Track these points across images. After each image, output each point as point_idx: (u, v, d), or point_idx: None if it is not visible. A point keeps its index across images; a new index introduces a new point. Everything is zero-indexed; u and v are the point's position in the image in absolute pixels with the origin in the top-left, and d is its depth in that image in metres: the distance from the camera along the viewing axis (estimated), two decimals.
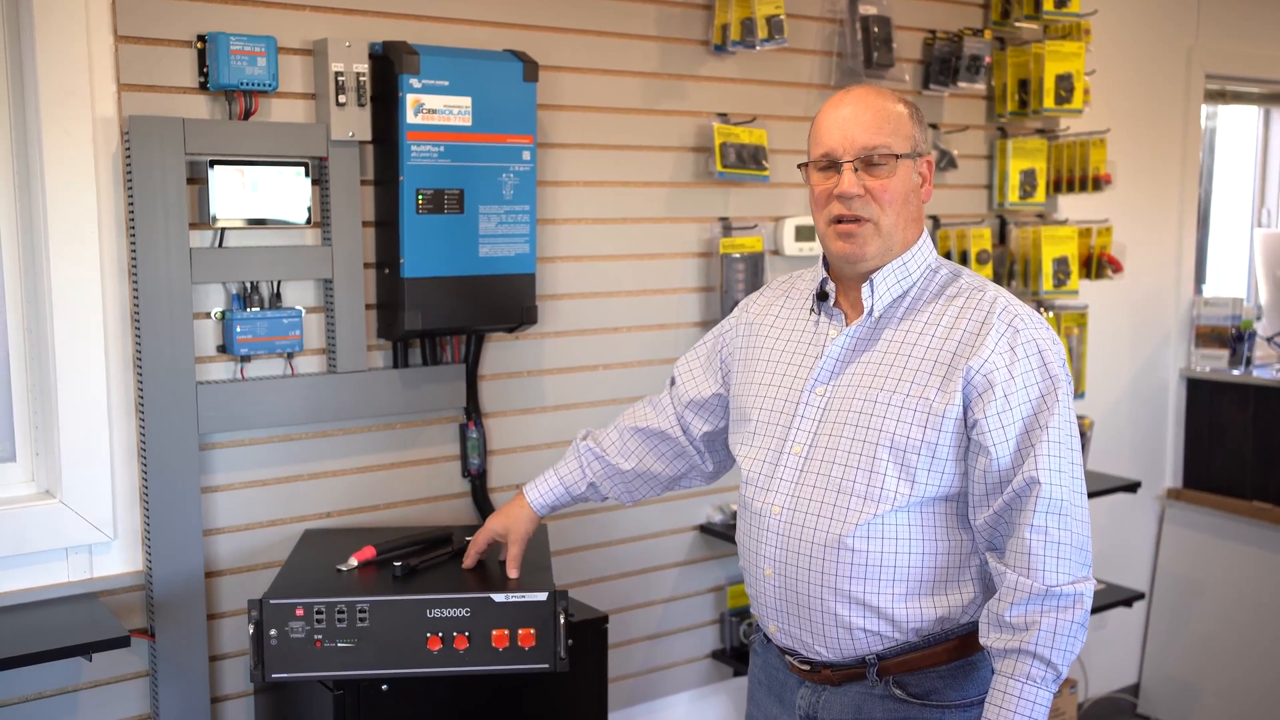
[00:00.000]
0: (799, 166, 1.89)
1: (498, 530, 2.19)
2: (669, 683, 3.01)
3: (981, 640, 1.73)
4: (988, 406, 1.71)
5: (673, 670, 3.01)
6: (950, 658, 1.78)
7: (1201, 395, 4.19)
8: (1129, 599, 3.56)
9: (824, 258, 1.91)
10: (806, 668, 1.87)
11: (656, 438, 2.16)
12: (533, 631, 2.07)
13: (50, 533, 2.18)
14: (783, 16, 2.81)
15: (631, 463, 2.16)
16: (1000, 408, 1.71)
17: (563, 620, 2.07)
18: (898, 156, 1.78)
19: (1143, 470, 4.09)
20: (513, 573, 2.13)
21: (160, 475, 2.23)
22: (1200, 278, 4.53)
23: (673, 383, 2.17)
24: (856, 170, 1.78)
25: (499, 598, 2.06)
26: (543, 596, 2.07)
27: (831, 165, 1.80)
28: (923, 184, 1.85)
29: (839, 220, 1.80)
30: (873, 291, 1.82)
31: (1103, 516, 4.01)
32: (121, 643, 2.04)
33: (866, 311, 1.83)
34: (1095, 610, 3.52)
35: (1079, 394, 3.58)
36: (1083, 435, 3.54)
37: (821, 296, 1.89)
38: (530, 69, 2.49)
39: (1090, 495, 3.48)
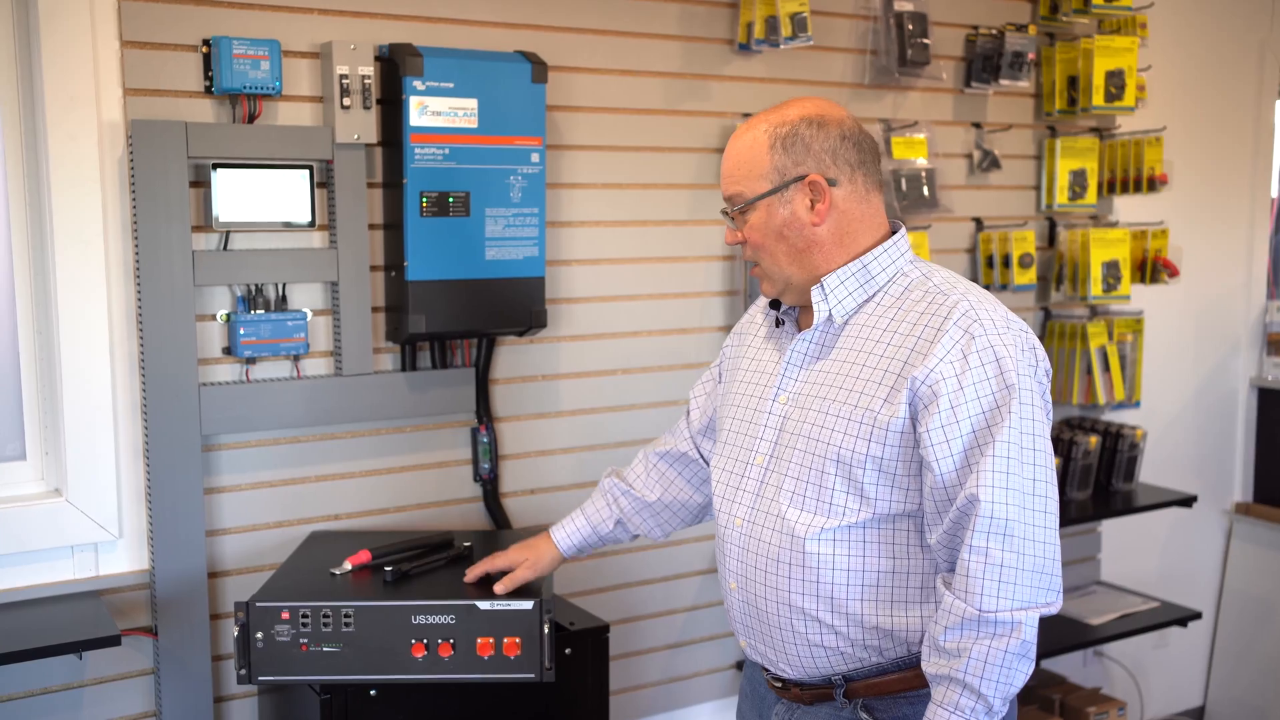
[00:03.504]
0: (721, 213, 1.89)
1: (516, 559, 2.13)
2: (691, 692, 2.95)
3: (922, 664, 1.63)
4: (931, 419, 1.61)
5: (695, 680, 2.96)
6: (922, 683, 1.69)
7: (1274, 405, 3.99)
8: (1184, 618, 3.40)
9: None
10: (779, 684, 1.81)
11: (680, 461, 2.11)
12: (518, 640, 2.04)
13: (56, 531, 2.22)
14: (807, 14, 2.73)
15: (657, 492, 2.12)
16: (945, 419, 1.60)
17: (547, 630, 2.03)
18: (753, 200, 1.74)
19: (1207, 484, 3.91)
20: (499, 589, 2.07)
21: (163, 476, 2.25)
22: (1279, 283, 4.32)
23: (689, 411, 2.14)
24: (734, 221, 1.79)
25: (484, 605, 2.04)
26: (528, 605, 2.04)
27: None
28: (814, 205, 1.72)
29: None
30: (825, 295, 1.74)
31: (1163, 532, 3.85)
32: (112, 642, 2.06)
33: (825, 317, 1.76)
34: (1151, 628, 3.39)
35: (1134, 403, 3.44)
36: (1135, 446, 3.40)
37: (774, 305, 1.86)
38: (539, 70, 2.46)
39: (1142, 509, 3.36)
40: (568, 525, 2.15)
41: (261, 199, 2.29)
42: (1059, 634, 3.25)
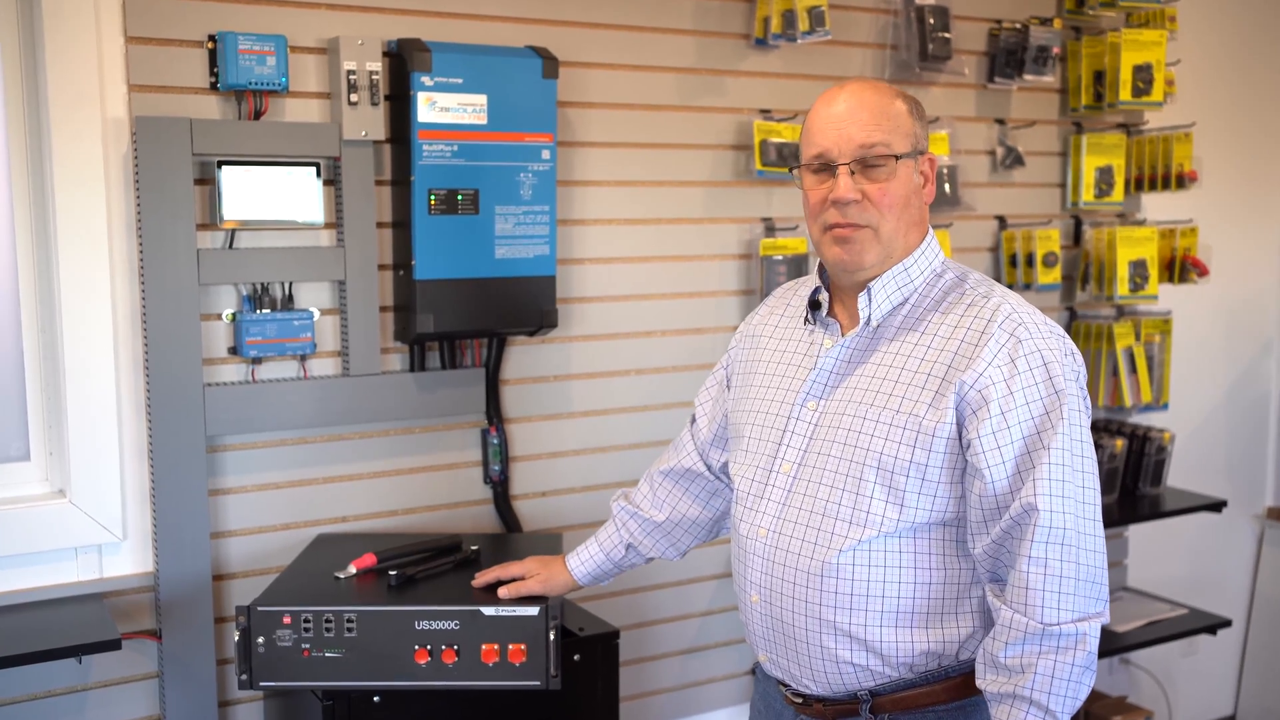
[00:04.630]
0: (790, 170, 1.78)
1: (529, 570, 2.08)
2: (707, 698, 2.90)
3: (977, 682, 1.59)
4: (982, 425, 1.56)
5: (711, 686, 2.91)
6: (950, 697, 1.65)
7: None
8: (1213, 626, 3.32)
9: (820, 264, 1.79)
10: (799, 700, 1.75)
11: (686, 478, 2.05)
12: (523, 647, 2.00)
13: (59, 532, 2.19)
14: (824, 8, 2.68)
15: (665, 512, 2.06)
16: (996, 426, 1.56)
17: (553, 636, 1.99)
18: (898, 157, 1.65)
19: (1238, 488, 3.83)
20: (503, 593, 2.03)
21: (167, 477, 2.22)
22: None
23: (693, 421, 2.07)
24: (853, 173, 1.65)
25: (489, 611, 2.00)
26: (534, 611, 2.00)
27: (826, 168, 1.67)
28: (925, 184, 1.72)
29: (835, 226, 1.68)
30: (870, 300, 1.69)
31: (1192, 537, 3.77)
32: (112, 646, 2.03)
33: (863, 321, 1.70)
34: (1179, 635, 3.31)
35: (1161, 405, 3.36)
36: (1163, 450, 3.32)
37: (814, 306, 1.78)
38: (550, 65, 2.42)
39: (1170, 514, 3.28)
40: (581, 553, 2.10)
41: (268, 197, 2.26)
42: None
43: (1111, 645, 3.21)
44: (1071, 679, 1.53)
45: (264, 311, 2.30)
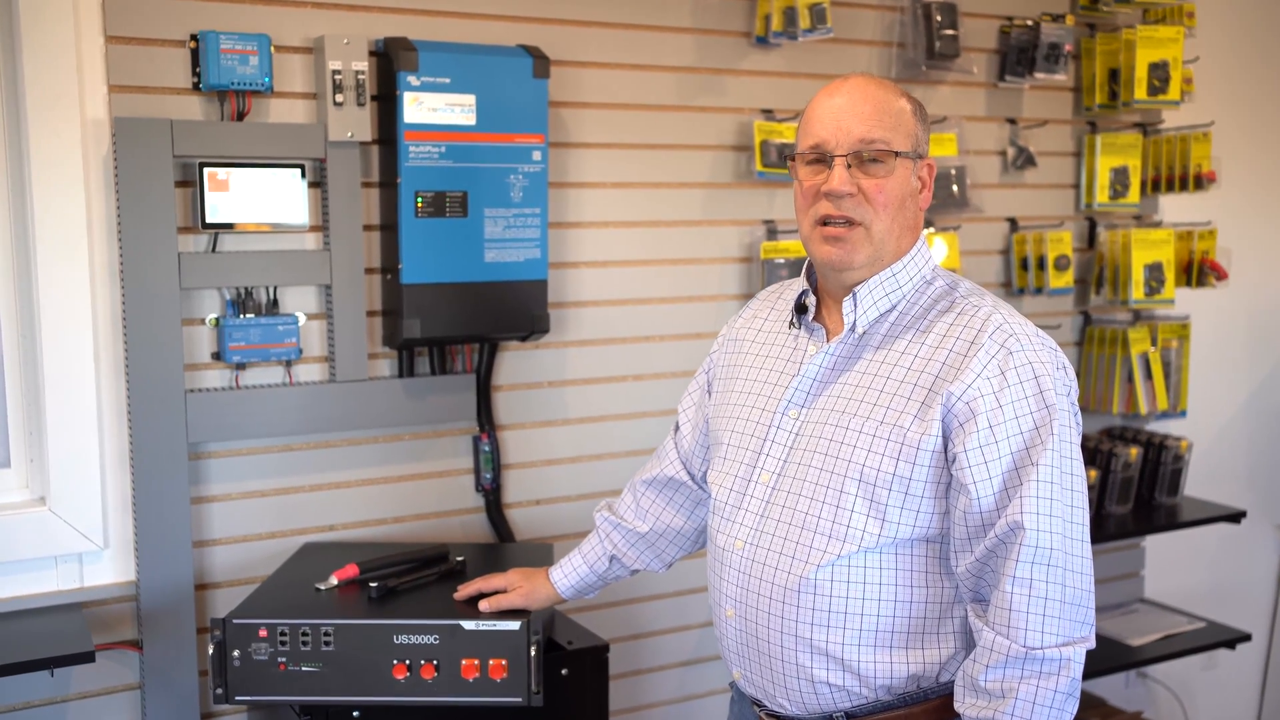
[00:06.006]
0: (787, 159, 1.72)
1: (512, 583, 2.02)
2: (703, 712, 2.84)
3: (956, 705, 1.52)
4: (969, 439, 1.50)
5: (709, 699, 2.84)
6: (929, 719, 1.58)
7: None
8: (1232, 640, 3.22)
9: (808, 265, 1.73)
10: None
11: (669, 488, 1.98)
12: (504, 662, 1.94)
13: (39, 541, 2.15)
14: (826, 5, 2.61)
15: (648, 522, 1.99)
16: (984, 440, 1.49)
17: (534, 651, 1.93)
18: (896, 154, 1.59)
19: (1260, 498, 3.72)
20: (484, 606, 1.98)
21: (148, 484, 2.18)
22: None
23: (677, 428, 2.01)
24: (850, 167, 1.59)
25: (469, 625, 1.94)
26: (515, 625, 1.94)
27: (821, 159, 1.61)
28: (922, 189, 1.65)
29: (825, 222, 1.62)
30: (855, 305, 1.63)
31: (1212, 548, 3.67)
32: (85, 658, 1.99)
33: (848, 327, 1.64)
34: (1198, 649, 3.22)
35: (1178, 412, 3.27)
36: (1180, 458, 3.23)
37: (800, 309, 1.71)
38: (541, 64, 2.36)
39: (1187, 525, 3.20)
40: (565, 565, 2.04)
41: (252, 199, 2.21)
42: (1099, 654, 3.08)
43: (1128, 659, 3.13)
44: (1054, 706, 1.46)
45: (248, 316, 2.26)
